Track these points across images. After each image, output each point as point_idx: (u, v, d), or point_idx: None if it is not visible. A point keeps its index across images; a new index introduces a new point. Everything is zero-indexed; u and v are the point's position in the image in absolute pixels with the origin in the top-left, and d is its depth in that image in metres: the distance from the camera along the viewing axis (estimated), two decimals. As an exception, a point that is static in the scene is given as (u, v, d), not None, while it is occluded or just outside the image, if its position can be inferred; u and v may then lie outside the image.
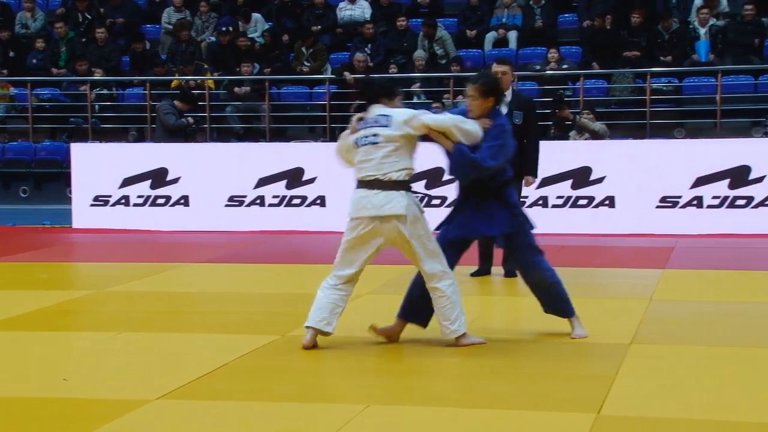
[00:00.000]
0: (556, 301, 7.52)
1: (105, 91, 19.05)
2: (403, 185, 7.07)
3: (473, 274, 10.29)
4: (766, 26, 17.70)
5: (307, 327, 7.22)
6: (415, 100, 17.28)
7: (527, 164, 10.10)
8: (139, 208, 14.89)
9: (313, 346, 7.19)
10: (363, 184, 7.11)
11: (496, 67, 10.11)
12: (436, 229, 7.36)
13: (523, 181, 10.17)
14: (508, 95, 10.05)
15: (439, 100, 16.03)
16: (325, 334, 7.19)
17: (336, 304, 7.20)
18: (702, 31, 17.34)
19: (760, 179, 13.25)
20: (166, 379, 6.47)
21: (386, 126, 7.05)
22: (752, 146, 13.83)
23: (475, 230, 7.44)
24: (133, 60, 19.28)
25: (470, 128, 7.14)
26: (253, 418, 5.73)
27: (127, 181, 14.92)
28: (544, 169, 10.65)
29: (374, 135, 7.07)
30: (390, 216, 7.01)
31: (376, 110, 7.15)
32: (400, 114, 7.09)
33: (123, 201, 14.93)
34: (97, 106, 18.69)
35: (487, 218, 7.35)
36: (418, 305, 7.37)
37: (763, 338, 7.63)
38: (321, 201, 14.40)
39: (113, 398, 6.13)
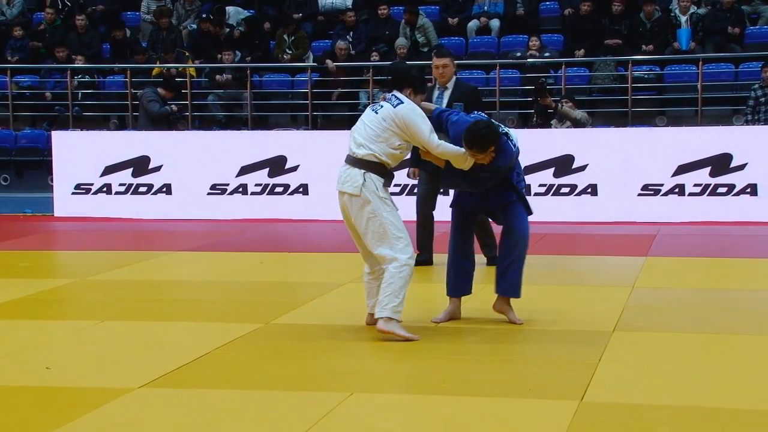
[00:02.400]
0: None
1: (86, 79, 18.96)
2: (367, 165, 7.07)
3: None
4: (746, 14, 17.75)
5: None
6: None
7: None
8: (121, 197, 14.85)
9: (371, 323, 7.32)
10: (347, 157, 7.24)
11: (436, 61, 9.76)
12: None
13: None
14: (450, 86, 9.79)
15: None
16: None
17: (370, 289, 7.36)
18: (683, 19, 17.37)
19: (741, 167, 13.29)
20: (149, 368, 6.46)
21: (394, 106, 7.09)
22: (733, 134, 13.85)
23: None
24: (114, 47, 19.20)
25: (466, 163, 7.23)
26: (237, 407, 5.73)
27: (109, 169, 14.86)
28: (527, 158, 10.63)
29: (381, 107, 7.18)
30: (344, 192, 7.13)
31: (396, 93, 7.19)
32: (410, 113, 7.05)
33: (105, 189, 14.88)
34: (79, 94, 18.61)
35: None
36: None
37: (744, 325, 7.66)
38: (303, 189, 14.38)
39: (96, 387, 6.12)
